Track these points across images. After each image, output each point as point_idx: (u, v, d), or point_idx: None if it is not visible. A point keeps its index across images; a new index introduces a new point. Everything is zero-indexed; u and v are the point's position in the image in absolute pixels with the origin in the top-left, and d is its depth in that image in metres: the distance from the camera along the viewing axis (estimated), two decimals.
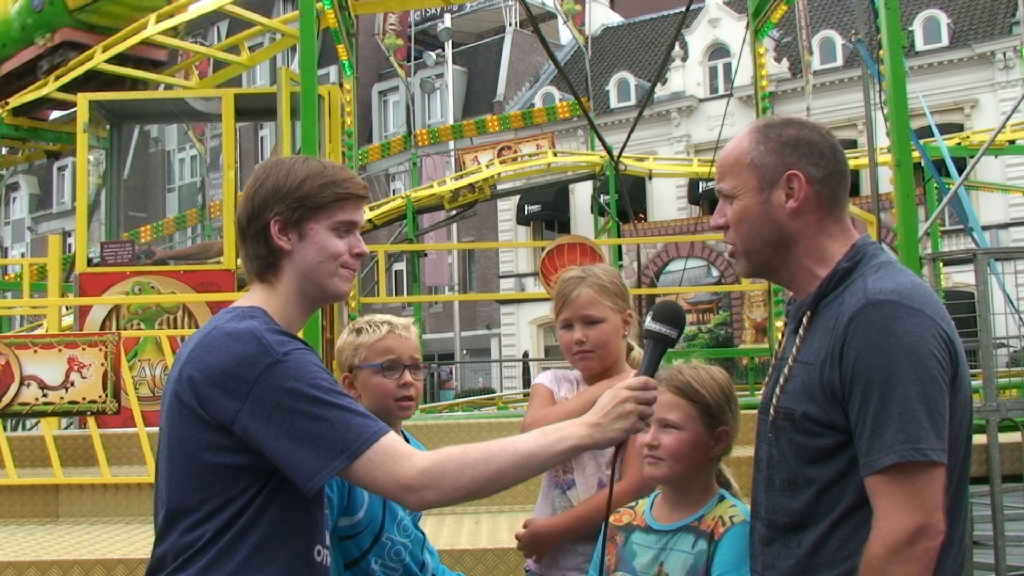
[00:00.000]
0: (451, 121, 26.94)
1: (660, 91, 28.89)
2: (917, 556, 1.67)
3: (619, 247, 16.38)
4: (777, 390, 1.89)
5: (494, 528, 4.52)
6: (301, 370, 1.77)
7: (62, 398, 5.15)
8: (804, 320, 1.90)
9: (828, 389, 1.78)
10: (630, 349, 2.72)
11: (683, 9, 12.91)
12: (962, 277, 17.52)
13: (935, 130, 9.76)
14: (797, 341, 1.90)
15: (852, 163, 17.29)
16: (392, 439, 1.78)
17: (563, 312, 2.61)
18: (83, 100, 8.33)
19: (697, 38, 29.67)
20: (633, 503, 2.32)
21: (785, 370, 1.89)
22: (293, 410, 1.74)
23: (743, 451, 5.12)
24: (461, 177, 19.02)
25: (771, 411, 1.90)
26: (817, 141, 1.90)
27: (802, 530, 1.83)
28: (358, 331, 2.56)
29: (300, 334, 1.95)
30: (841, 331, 1.77)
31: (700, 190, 25.09)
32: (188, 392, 1.80)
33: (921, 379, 1.70)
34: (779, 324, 6.52)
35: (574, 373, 2.70)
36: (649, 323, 2.01)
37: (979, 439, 4.95)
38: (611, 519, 2.28)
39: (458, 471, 1.76)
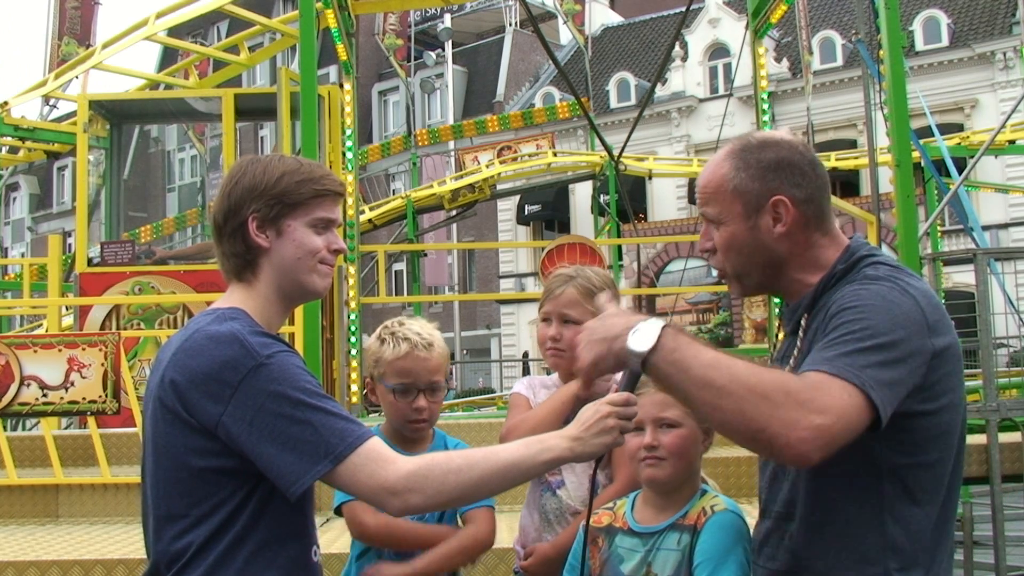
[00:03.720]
0: (451, 121, 26.92)
1: (660, 91, 28.88)
2: (811, 427, 1.59)
3: (619, 247, 16.38)
4: None
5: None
6: (284, 373, 1.76)
7: (62, 398, 5.15)
8: (803, 321, 1.91)
9: None
10: None
11: (683, 9, 12.91)
12: (962, 277, 17.52)
13: (935, 130, 9.77)
14: (798, 342, 1.91)
15: (852, 163, 17.42)
16: (376, 443, 1.77)
17: (545, 306, 2.62)
18: (83, 100, 8.34)
19: (697, 38, 29.67)
20: (611, 504, 2.31)
21: (787, 369, 1.89)
22: (276, 413, 1.73)
23: (742, 451, 5.12)
24: (461, 177, 19.02)
25: None
26: (797, 161, 1.89)
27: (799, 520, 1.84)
28: (382, 340, 2.49)
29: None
30: (832, 306, 1.79)
31: None
32: (171, 396, 1.78)
33: (894, 327, 1.69)
34: (779, 324, 6.52)
35: (552, 378, 2.70)
36: None
37: (979, 439, 4.96)
38: (591, 521, 2.28)
39: (442, 476, 1.75)
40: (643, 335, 1.68)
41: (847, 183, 22.60)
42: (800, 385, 1.63)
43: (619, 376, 1.86)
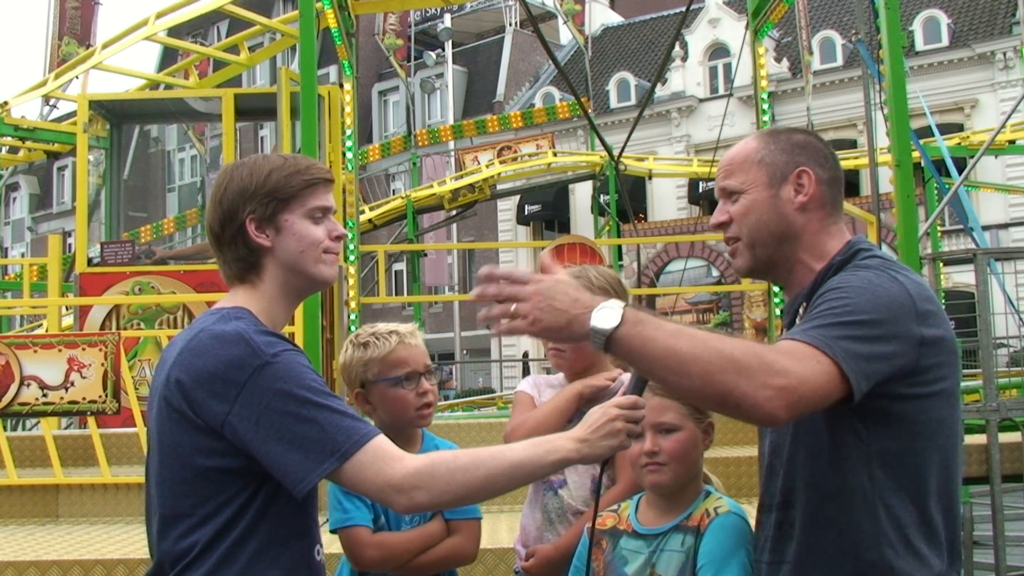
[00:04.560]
0: (451, 121, 26.91)
1: (660, 91, 28.87)
2: (782, 385, 1.64)
3: (619, 247, 16.39)
4: None
5: (494, 528, 4.52)
6: (290, 371, 1.76)
7: (62, 398, 5.15)
8: (800, 310, 1.94)
9: None
10: None
11: (683, 9, 12.92)
12: (962, 277, 17.51)
13: (935, 130, 9.77)
14: None
15: (852, 163, 17.42)
16: (382, 441, 1.77)
17: None
18: (83, 100, 8.34)
19: (697, 38, 29.66)
20: (616, 506, 2.31)
21: None
22: (282, 412, 1.73)
23: (742, 451, 5.12)
24: (461, 177, 19.04)
25: None
26: (822, 148, 2.01)
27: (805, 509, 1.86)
28: (364, 345, 2.51)
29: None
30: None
31: (700, 190, 25.09)
32: (177, 396, 1.78)
33: (876, 308, 1.72)
34: (779, 324, 6.52)
35: (557, 378, 2.71)
36: None
37: (979, 439, 4.96)
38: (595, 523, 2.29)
39: (448, 474, 1.75)
40: (608, 313, 1.69)
41: (847, 183, 22.12)
42: (769, 350, 1.68)
43: (626, 378, 1.86)
